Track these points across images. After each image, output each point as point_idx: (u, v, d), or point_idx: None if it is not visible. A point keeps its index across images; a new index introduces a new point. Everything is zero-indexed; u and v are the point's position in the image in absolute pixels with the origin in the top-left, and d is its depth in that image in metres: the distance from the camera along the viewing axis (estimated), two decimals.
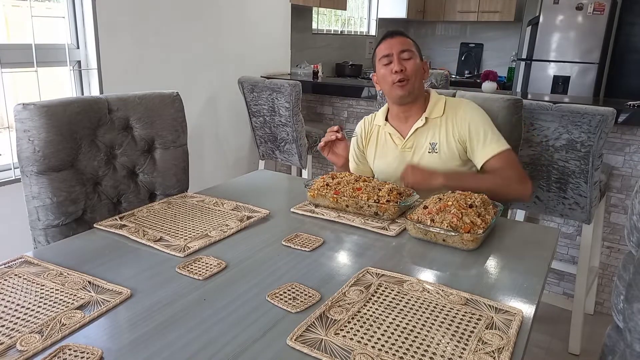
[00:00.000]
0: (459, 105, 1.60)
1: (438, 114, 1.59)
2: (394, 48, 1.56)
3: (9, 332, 0.79)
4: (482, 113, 1.57)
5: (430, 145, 1.58)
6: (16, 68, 2.07)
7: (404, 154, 1.63)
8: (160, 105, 1.58)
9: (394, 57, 1.55)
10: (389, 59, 1.56)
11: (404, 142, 1.63)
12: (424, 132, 1.60)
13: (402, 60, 1.55)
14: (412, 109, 1.61)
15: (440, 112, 1.59)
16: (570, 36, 4.22)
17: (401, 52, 1.55)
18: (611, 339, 0.97)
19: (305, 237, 1.20)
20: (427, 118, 1.59)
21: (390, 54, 1.56)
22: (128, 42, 2.43)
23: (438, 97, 1.63)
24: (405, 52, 1.56)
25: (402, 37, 1.59)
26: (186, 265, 1.03)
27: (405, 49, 1.56)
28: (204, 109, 2.96)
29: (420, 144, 1.61)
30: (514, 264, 1.10)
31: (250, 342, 0.79)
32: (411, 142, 1.62)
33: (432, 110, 1.60)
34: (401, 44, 1.57)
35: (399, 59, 1.55)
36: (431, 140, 1.59)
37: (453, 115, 1.58)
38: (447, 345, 0.78)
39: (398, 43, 1.56)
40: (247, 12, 3.14)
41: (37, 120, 1.29)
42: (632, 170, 2.31)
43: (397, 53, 1.55)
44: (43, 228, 1.33)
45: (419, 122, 1.60)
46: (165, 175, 1.61)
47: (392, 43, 1.57)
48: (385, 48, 1.58)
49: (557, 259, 2.55)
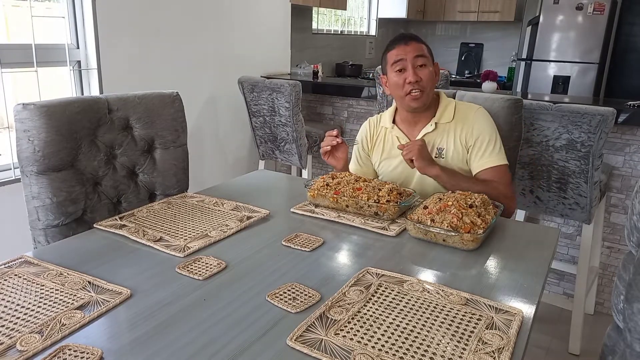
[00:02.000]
0: (469, 110, 1.58)
1: (447, 119, 1.57)
2: (408, 54, 1.51)
3: (9, 332, 0.79)
4: (491, 123, 1.56)
5: (438, 151, 1.57)
6: (16, 68, 2.07)
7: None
8: (160, 105, 1.58)
9: (408, 65, 1.51)
10: (402, 65, 1.52)
11: None
12: (432, 137, 1.58)
13: (417, 69, 1.51)
14: (422, 115, 1.60)
15: (450, 117, 1.57)
16: (570, 36, 4.22)
17: (415, 57, 1.51)
18: (611, 339, 0.97)
19: (305, 237, 1.20)
20: (437, 123, 1.58)
21: (404, 59, 1.51)
22: (128, 42, 2.43)
23: (448, 100, 1.61)
24: (420, 59, 1.51)
25: (416, 43, 1.53)
26: (186, 265, 1.03)
27: (420, 55, 1.52)
28: (204, 109, 2.96)
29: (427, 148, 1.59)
30: (514, 264, 1.10)
31: (250, 342, 0.79)
32: None
33: (442, 115, 1.58)
34: (416, 50, 1.52)
35: (414, 69, 1.50)
36: (439, 146, 1.58)
37: (463, 120, 1.56)
38: (447, 345, 0.78)
39: (413, 50, 1.52)
40: (247, 12, 3.14)
41: (37, 120, 1.29)
42: (632, 170, 2.31)
43: (412, 60, 1.51)
44: (43, 228, 1.33)
45: (428, 127, 1.58)
46: (165, 175, 1.61)
47: (407, 50, 1.52)
48: (399, 53, 1.53)
49: (557, 259, 2.55)
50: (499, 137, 1.55)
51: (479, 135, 1.53)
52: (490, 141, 1.53)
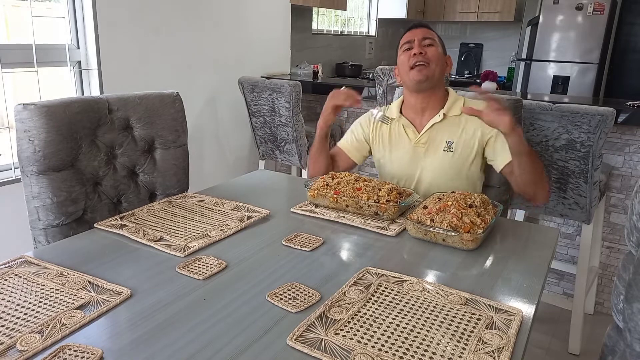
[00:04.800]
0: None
1: (456, 112, 1.56)
2: (416, 35, 1.56)
3: (9, 332, 0.79)
4: None
5: (447, 144, 1.55)
6: (16, 68, 2.07)
7: (417, 149, 1.59)
8: (160, 105, 1.58)
9: (415, 43, 1.54)
10: (410, 45, 1.55)
11: (418, 137, 1.59)
12: (441, 129, 1.57)
13: (423, 46, 1.54)
14: (430, 100, 1.58)
15: (458, 110, 1.56)
16: (570, 36, 4.22)
17: (423, 39, 1.55)
18: (611, 339, 0.97)
19: (305, 237, 1.20)
20: (446, 115, 1.56)
21: (411, 39, 1.55)
22: (128, 42, 2.43)
23: (457, 96, 1.61)
24: (427, 40, 1.55)
25: (426, 29, 1.58)
26: (186, 265, 1.03)
27: (428, 37, 1.55)
28: (204, 109, 2.96)
29: (435, 140, 1.57)
30: (514, 264, 1.10)
31: (250, 342, 0.79)
32: (426, 137, 1.58)
33: (451, 108, 1.57)
34: (424, 32, 1.57)
35: (419, 44, 1.54)
36: (448, 139, 1.56)
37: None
38: (447, 345, 0.78)
39: (421, 32, 1.56)
40: (247, 12, 3.14)
41: (37, 120, 1.29)
42: (632, 170, 2.31)
43: (419, 39, 1.54)
44: (43, 228, 1.33)
45: (436, 118, 1.57)
46: (166, 175, 1.61)
47: (416, 32, 1.57)
48: (408, 36, 1.58)
49: (557, 259, 2.55)
50: None
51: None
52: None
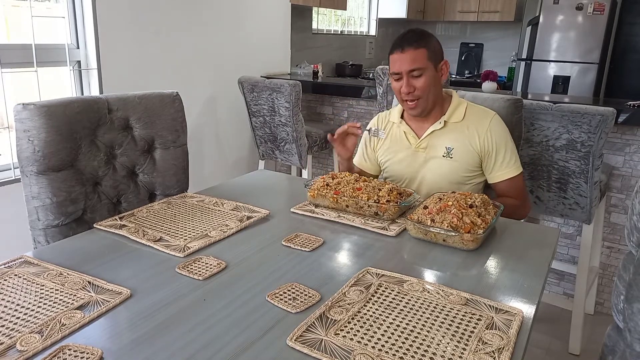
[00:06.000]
0: (485, 116, 1.56)
1: (458, 119, 1.57)
2: (402, 67, 1.49)
3: (9, 332, 0.79)
4: (507, 131, 1.57)
5: (446, 150, 1.57)
6: (16, 68, 2.07)
7: (417, 154, 1.61)
8: (160, 105, 1.58)
9: (403, 75, 1.50)
10: (399, 76, 1.52)
11: (418, 142, 1.61)
12: (441, 135, 1.58)
13: (412, 79, 1.50)
14: (428, 116, 1.60)
15: (460, 117, 1.57)
16: (570, 36, 4.22)
17: (411, 71, 1.49)
18: (611, 339, 0.97)
19: (305, 237, 1.20)
20: (446, 122, 1.58)
21: (399, 72, 1.50)
22: (128, 42, 2.43)
23: (459, 101, 1.61)
24: (416, 71, 1.49)
25: (413, 51, 1.48)
26: (186, 265, 1.03)
27: (415, 68, 1.48)
28: (204, 109, 2.96)
29: (435, 146, 1.58)
30: (514, 264, 1.10)
31: (250, 342, 0.79)
32: (425, 142, 1.60)
33: (452, 114, 1.58)
34: (411, 61, 1.48)
35: (407, 80, 1.50)
36: (448, 145, 1.57)
37: (477, 124, 1.55)
38: (447, 345, 0.78)
39: (408, 60, 1.48)
40: (247, 12, 3.14)
41: (37, 120, 1.29)
42: (632, 170, 2.31)
43: (406, 73, 1.49)
44: (43, 228, 1.33)
45: (436, 125, 1.58)
46: (165, 175, 1.61)
47: (402, 60, 1.49)
48: (394, 65, 1.51)
49: (557, 259, 2.55)
50: (513, 143, 1.57)
51: (498, 146, 1.54)
52: (507, 151, 1.55)
